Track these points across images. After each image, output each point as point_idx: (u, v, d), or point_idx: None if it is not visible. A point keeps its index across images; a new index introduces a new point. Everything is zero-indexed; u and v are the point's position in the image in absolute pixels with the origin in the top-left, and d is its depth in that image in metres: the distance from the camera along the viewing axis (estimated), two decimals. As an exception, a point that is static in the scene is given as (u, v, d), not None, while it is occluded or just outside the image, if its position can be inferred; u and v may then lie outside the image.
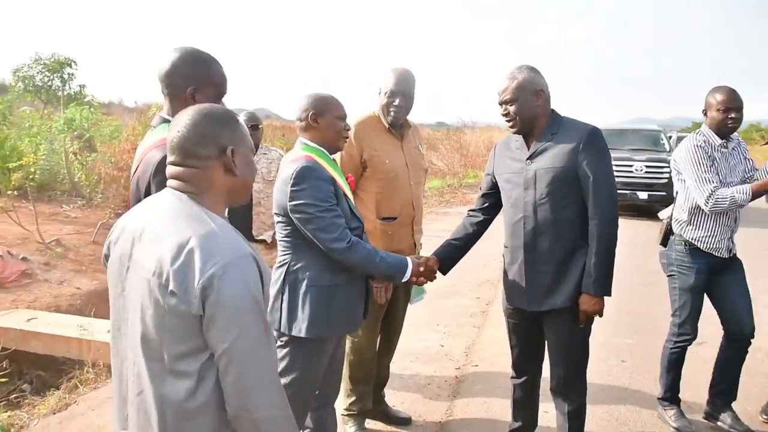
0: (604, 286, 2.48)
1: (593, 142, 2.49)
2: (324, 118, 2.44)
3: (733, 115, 3.13)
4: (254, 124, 3.99)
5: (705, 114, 3.22)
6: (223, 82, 2.03)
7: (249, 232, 3.94)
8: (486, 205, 2.87)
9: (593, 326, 2.69)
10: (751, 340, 3.25)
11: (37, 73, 12.51)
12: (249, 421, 1.37)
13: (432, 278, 2.70)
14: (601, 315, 2.53)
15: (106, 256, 1.54)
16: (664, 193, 10.63)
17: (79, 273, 6.59)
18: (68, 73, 12.61)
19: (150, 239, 1.39)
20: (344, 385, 3.24)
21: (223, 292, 1.30)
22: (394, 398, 3.65)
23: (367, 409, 3.30)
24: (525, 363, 2.89)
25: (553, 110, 2.63)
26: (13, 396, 4.29)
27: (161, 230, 1.38)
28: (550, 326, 2.67)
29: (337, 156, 3.01)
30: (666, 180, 10.69)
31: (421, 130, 4.33)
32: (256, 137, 3.94)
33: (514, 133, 2.65)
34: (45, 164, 9.78)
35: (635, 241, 8.06)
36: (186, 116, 1.46)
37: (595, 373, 3.77)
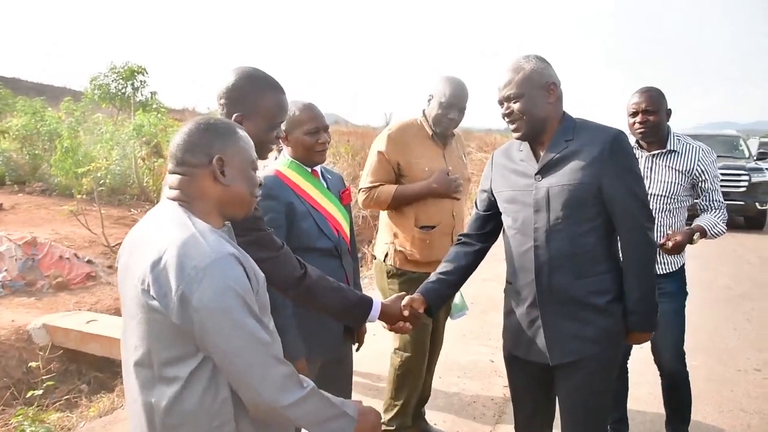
0: (653, 320, 2.13)
1: (619, 151, 2.03)
2: (293, 135, 2.34)
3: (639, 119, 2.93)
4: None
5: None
6: (276, 112, 1.90)
7: None
8: (484, 230, 2.34)
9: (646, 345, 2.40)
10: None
11: (112, 81, 13.09)
12: (275, 412, 1.38)
13: (416, 324, 2.26)
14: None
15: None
16: (741, 203, 9.97)
17: (140, 276, 6.80)
18: (140, 81, 13.13)
19: (139, 248, 1.41)
20: (386, 399, 3.20)
21: (204, 298, 1.29)
22: (436, 416, 3.53)
23: (406, 426, 3.21)
24: (535, 426, 2.34)
25: (564, 112, 2.14)
26: (72, 396, 4.45)
27: (148, 238, 1.40)
28: (565, 380, 2.15)
29: (373, 157, 3.01)
30: (744, 188, 10.06)
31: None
32: None
33: (519, 138, 2.14)
34: (116, 169, 10.19)
35: (706, 254, 7.60)
36: (186, 126, 1.49)
37: (654, 397, 3.54)
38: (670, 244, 2.82)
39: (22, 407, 3.64)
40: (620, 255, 2.14)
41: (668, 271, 2.98)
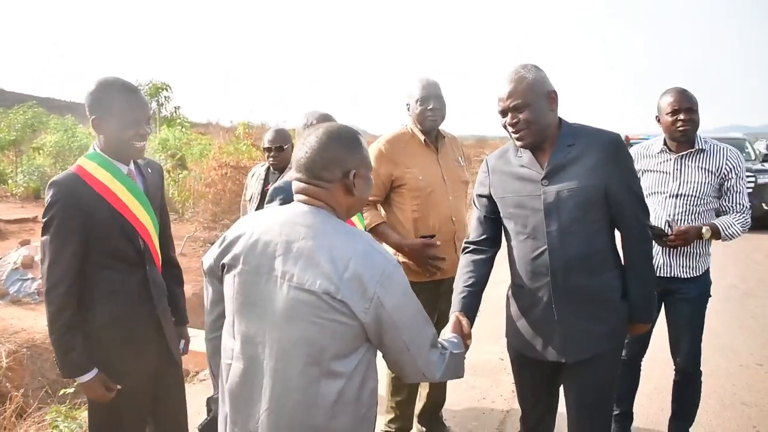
0: (652, 312, 2.26)
1: (620, 153, 2.12)
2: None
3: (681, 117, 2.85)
4: (279, 146, 3.82)
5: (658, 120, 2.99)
6: (127, 113, 2.07)
7: None
8: (490, 235, 2.34)
9: (654, 342, 2.54)
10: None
11: (138, 98, 13.53)
12: (428, 381, 1.77)
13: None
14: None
15: (224, 266, 1.59)
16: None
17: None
18: (165, 97, 13.54)
19: (306, 254, 1.48)
20: (386, 403, 3.21)
21: (394, 301, 1.49)
22: (446, 411, 3.64)
23: (407, 429, 3.25)
24: (542, 421, 2.44)
25: (560, 117, 2.18)
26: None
27: (318, 245, 1.48)
28: (576, 375, 2.21)
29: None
30: (750, 189, 10.15)
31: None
32: (283, 158, 3.79)
33: (523, 146, 2.14)
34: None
35: (713, 253, 7.58)
36: (315, 138, 1.55)
37: (658, 393, 3.65)
38: (670, 232, 2.82)
39: (56, 405, 3.84)
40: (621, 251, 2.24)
41: (690, 275, 2.96)
